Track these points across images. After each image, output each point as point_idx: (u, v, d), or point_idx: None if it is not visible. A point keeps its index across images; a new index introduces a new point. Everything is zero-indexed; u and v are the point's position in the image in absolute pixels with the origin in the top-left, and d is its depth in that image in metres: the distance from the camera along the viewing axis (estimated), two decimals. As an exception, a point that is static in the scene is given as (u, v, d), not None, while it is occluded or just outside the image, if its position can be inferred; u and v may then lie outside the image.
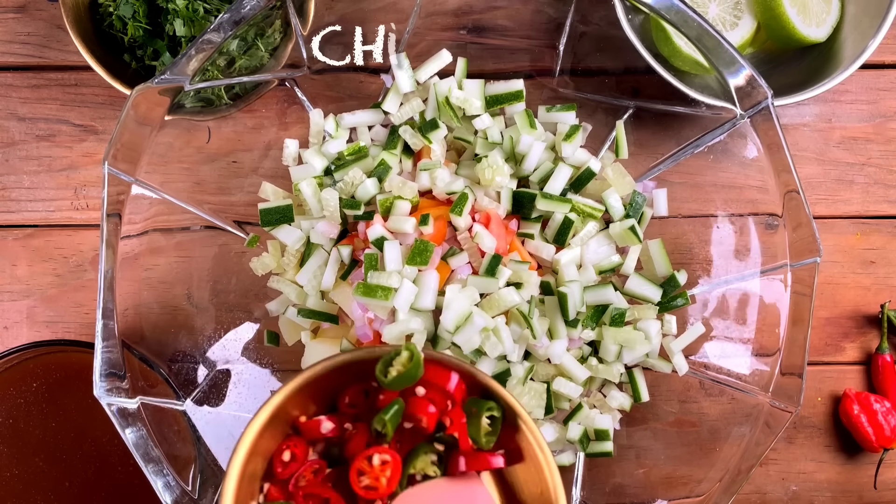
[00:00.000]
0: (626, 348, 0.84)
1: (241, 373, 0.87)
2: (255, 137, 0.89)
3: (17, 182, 0.96)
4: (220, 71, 0.82)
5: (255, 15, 0.76)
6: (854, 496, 0.97)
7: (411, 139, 0.87)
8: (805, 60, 0.93)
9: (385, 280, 0.79)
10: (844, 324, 0.97)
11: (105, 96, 0.96)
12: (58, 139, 0.96)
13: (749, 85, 0.75)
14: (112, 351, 0.73)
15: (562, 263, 0.84)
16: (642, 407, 0.88)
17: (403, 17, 0.87)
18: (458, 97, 0.86)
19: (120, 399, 0.73)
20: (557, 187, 0.86)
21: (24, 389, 0.85)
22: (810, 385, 0.96)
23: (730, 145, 0.82)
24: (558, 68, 0.90)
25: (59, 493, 0.84)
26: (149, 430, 0.74)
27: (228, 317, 0.88)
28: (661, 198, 0.89)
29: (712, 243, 0.87)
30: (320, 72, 0.88)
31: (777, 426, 0.77)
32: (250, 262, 0.88)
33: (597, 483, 0.87)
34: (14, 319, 0.96)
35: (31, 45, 0.96)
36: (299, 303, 0.88)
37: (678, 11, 0.75)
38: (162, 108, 0.76)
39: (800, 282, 0.77)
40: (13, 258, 0.96)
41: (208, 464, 0.81)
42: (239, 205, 0.89)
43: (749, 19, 0.90)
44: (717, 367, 0.85)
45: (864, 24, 0.88)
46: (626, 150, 0.90)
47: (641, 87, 0.89)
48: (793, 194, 0.76)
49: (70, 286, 0.96)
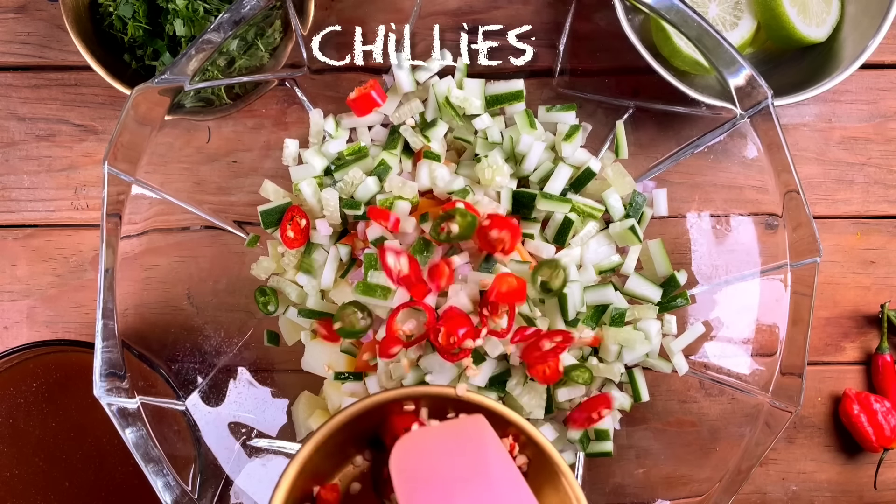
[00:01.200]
0: (626, 348, 0.84)
1: (241, 373, 0.87)
2: (255, 137, 0.89)
3: (17, 182, 0.96)
4: (220, 71, 0.82)
5: (255, 15, 0.76)
6: (854, 496, 0.97)
7: (411, 139, 0.87)
8: (805, 60, 0.93)
9: (385, 280, 0.79)
10: (844, 324, 0.97)
11: (105, 96, 0.96)
12: (58, 139, 0.96)
13: (749, 85, 0.75)
14: (112, 351, 0.73)
15: (562, 263, 0.84)
16: (642, 407, 0.88)
17: (403, 17, 0.87)
18: (458, 97, 0.86)
19: (120, 399, 0.73)
20: (557, 187, 0.86)
21: (24, 389, 0.85)
22: (810, 385, 0.96)
23: (730, 145, 0.82)
24: (558, 68, 0.89)
25: (59, 493, 0.84)
26: (149, 430, 0.74)
27: (228, 317, 0.88)
28: (661, 198, 0.89)
29: (712, 243, 0.87)
30: (320, 72, 0.88)
31: (777, 426, 0.76)
32: (251, 270, 0.88)
33: (597, 483, 0.87)
34: (14, 319, 0.96)
35: (31, 45, 0.96)
36: (299, 303, 0.88)
37: (678, 11, 0.75)
38: (162, 108, 0.76)
39: (800, 282, 0.77)
40: (13, 258, 0.96)
41: (208, 464, 0.81)
42: (239, 205, 0.89)
43: (749, 19, 0.90)
44: (717, 367, 0.85)
45: (864, 24, 0.88)
46: (626, 150, 0.90)
47: (641, 87, 0.89)
48: (793, 194, 0.76)
49: (70, 286, 0.96)
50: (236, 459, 0.83)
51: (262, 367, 0.89)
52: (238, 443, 0.84)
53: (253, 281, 0.89)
